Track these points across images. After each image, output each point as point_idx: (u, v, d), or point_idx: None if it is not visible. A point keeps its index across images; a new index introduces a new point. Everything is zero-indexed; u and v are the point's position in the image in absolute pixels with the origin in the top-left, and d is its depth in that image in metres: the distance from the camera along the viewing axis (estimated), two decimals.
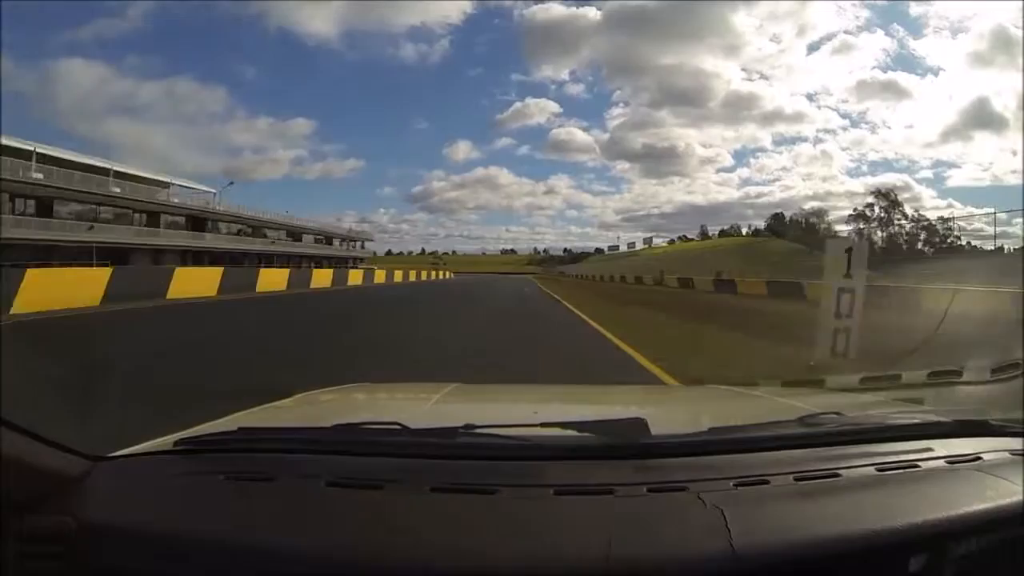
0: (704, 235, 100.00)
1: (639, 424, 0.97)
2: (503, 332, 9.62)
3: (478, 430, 0.98)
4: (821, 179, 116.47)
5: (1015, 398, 2.32)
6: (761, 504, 0.84)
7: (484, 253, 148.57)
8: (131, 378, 4.63)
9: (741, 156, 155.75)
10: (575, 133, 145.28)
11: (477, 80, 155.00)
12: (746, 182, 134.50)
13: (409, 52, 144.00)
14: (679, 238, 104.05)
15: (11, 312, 9.82)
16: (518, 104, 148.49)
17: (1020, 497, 0.86)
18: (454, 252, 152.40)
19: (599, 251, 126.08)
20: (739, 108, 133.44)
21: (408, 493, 0.88)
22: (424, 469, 0.94)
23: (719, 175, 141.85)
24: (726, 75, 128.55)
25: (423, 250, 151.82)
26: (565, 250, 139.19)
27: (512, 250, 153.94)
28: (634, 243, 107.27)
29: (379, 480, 0.91)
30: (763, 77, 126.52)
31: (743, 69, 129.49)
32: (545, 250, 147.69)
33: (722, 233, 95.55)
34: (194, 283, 16.27)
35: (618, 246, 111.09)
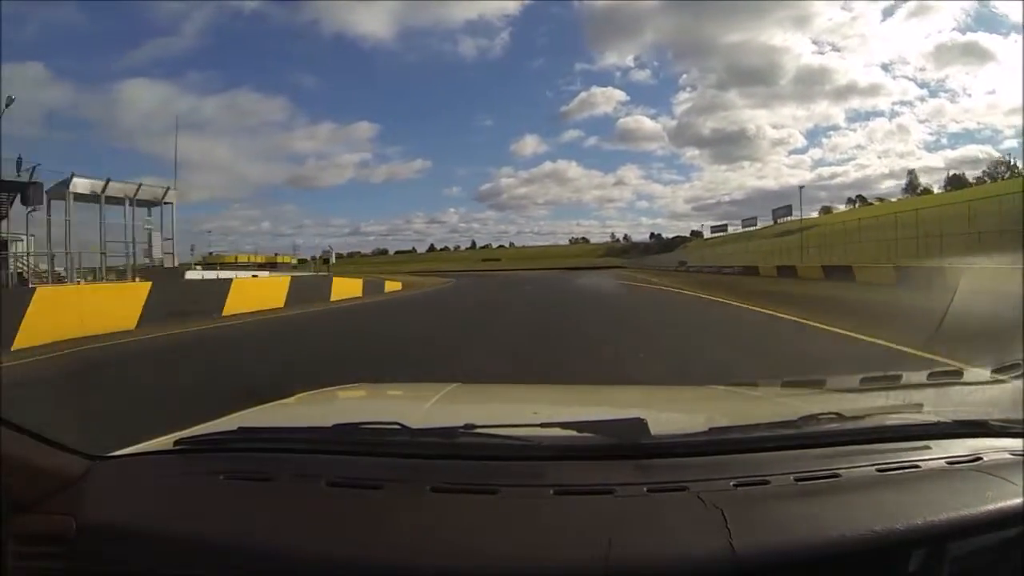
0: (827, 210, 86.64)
1: (639, 424, 0.97)
2: None
3: (478, 430, 0.98)
4: (898, 155, 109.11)
5: (1015, 398, 2.32)
6: (761, 504, 0.84)
7: (554, 245, 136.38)
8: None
9: (813, 136, 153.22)
10: (642, 121, 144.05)
11: (540, 72, 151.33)
12: (819, 163, 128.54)
13: (468, 47, 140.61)
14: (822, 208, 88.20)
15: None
16: (583, 94, 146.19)
17: (1020, 497, 0.86)
18: (511, 245, 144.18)
19: (695, 234, 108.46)
20: (810, 84, 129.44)
21: (408, 493, 0.88)
22: (424, 469, 0.94)
23: (791, 157, 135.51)
24: (796, 49, 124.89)
25: (475, 244, 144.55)
26: (652, 235, 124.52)
27: (583, 239, 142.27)
28: (725, 227, 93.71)
29: (379, 480, 0.91)
30: (835, 49, 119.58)
31: (813, 42, 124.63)
32: (626, 236, 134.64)
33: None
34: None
35: (725, 226, 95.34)
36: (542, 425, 0.99)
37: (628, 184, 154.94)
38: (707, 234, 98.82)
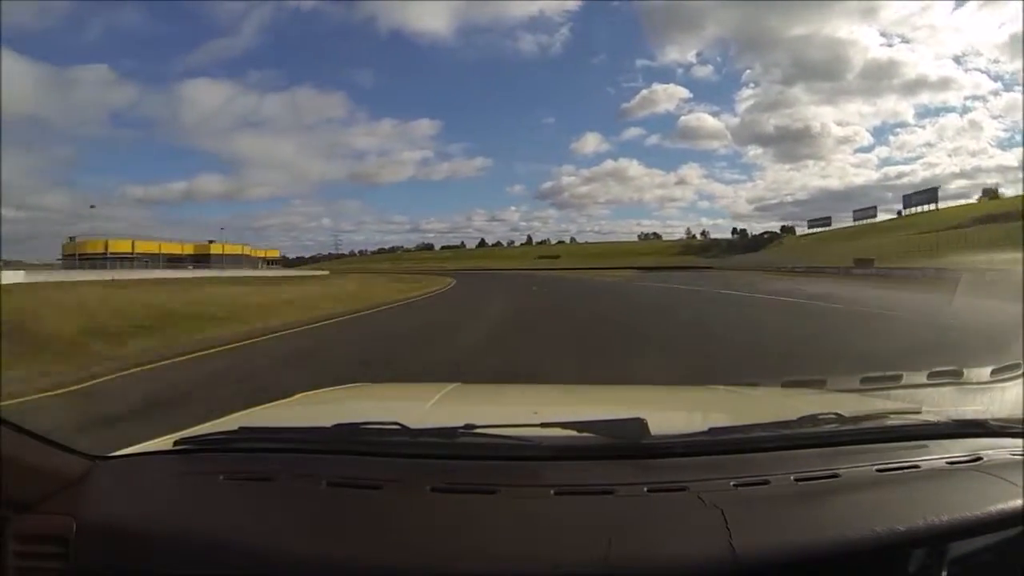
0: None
1: (639, 424, 0.97)
2: None
3: (478, 430, 0.98)
4: (969, 153, 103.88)
5: (1015, 398, 2.32)
6: (761, 504, 0.84)
7: (621, 242, 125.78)
8: None
9: (880, 133, 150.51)
10: (704, 119, 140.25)
11: (601, 68, 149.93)
12: (885, 162, 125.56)
13: (528, 44, 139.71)
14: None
15: None
16: (645, 91, 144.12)
17: (1020, 497, 0.86)
18: (573, 240, 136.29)
19: (785, 230, 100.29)
20: (878, 78, 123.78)
21: (408, 493, 0.88)
22: (424, 469, 0.94)
23: (856, 156, 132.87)
24: (863, 42, 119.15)
25: (531, 239, 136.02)
26: (735, 231, 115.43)
27: (654, 234, 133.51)
28: (828, 219, 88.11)
29: (379, 480, 0.91)
30: (904, 41, 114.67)
31: (882, 34, 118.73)
32: (704, 233, 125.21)
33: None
34: None
35: (829, 219, 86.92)
36: (542, 425, 0.99)
37: (690, 183, 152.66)
38: (809, 227, 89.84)
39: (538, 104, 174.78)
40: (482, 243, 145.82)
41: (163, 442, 1.12)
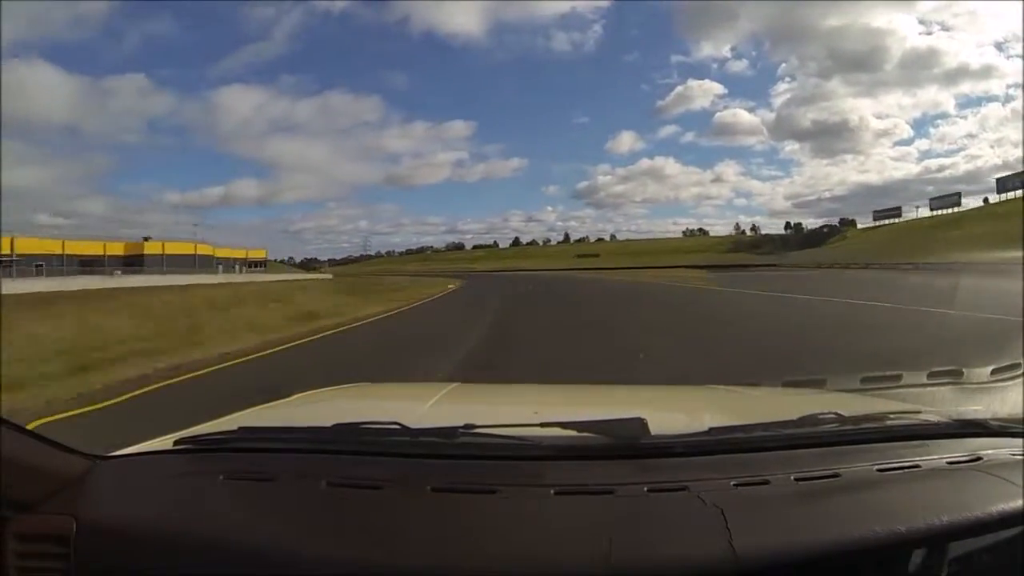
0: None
1: (639, 424, 0.97)
2: None
3: (478, 430, 0.98)
4: (1013, 144, 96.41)
5: (1015, 398, 2.32)
6: (761, 504, 0.84)
7: (664, 238, 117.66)
8: None
9: (920, 125, 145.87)
10: (740, 114, 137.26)
11: (635, 65, 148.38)
12: (926, 155, 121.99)
13: (561, 42, 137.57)
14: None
15: None
16: (679, 88, 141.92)
17: (1020, 497, 0.86)
18: (613, 238, 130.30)
19: (844, 223, 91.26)
20: (917, 68, 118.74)
21: (408, 493, 0.88)
22: (424, 469, 0.94)
23: (895, 149, 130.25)
24: (901, 31, 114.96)
25: (568, 237, 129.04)
26: (789, 225, 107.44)
27: (700, 230, 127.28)
28: (898, 210, 79.08)
29: (379, 480, 0.91)
30: (943, 28, 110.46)
31: (920, 21, 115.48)
32: (754, 227, 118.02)
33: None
34: None
35: (899, 209, 77.12)
36: (542, 425, 0.98)
37: (726, 181, 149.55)
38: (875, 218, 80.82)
39: (572, 103, 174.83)
40: (516, 242, 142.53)
41: (163, 442, 1.12)
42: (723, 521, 0.78)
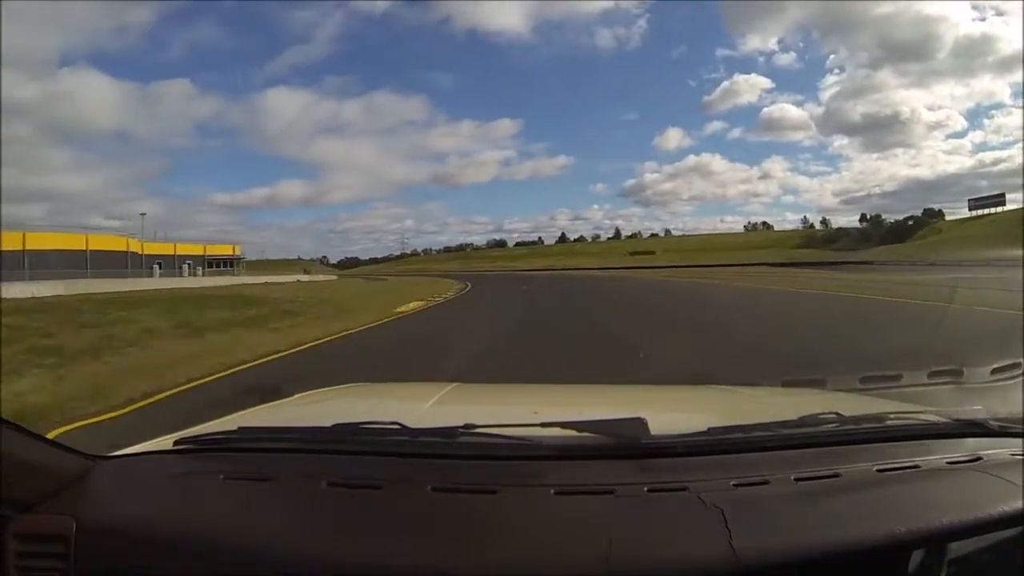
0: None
1: (639, 424, 0.97)
2: None
3: (478, 430, 0.98)
4: None
5: (1015, 398, 2.31)
6: (761, 504, 0.84)
7: (724, 233, 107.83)
8: None
9: (974, 116, 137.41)
10: (787, 109, 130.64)
11: (680, 61, 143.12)
12: (980, 147, 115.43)
13: (606, 39, 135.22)
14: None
15: None
16: (726, 83, 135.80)
17: (1020, 497, 0.86)
18: (667, 233, 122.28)
19: (929, 213, 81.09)
20: (971, 56, 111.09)
21: (408, 493, 0.88)
22: (424, 469, 0.94)
23: (948, 142, 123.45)
24: (953, 17, 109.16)
25: (619, 233, 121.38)
26: (864, 218, 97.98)
27: (763, 223, 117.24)
28: (1000, 197, 68.26)
29: (379, 480, 0.91)
30: (998, 13, 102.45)
31: (973, 7, 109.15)
32: (825, 221, 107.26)
33: None
34: None
35: (1002, 196, 68.24)
36: (542, 425, 0.98)
37: (773, 177, 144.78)
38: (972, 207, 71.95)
39: (618, 100, 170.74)
40: (562, 238, 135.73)
41: (163, 442, 1.12)
42: (723, 521, 0.78)
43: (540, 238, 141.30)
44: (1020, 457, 0.99)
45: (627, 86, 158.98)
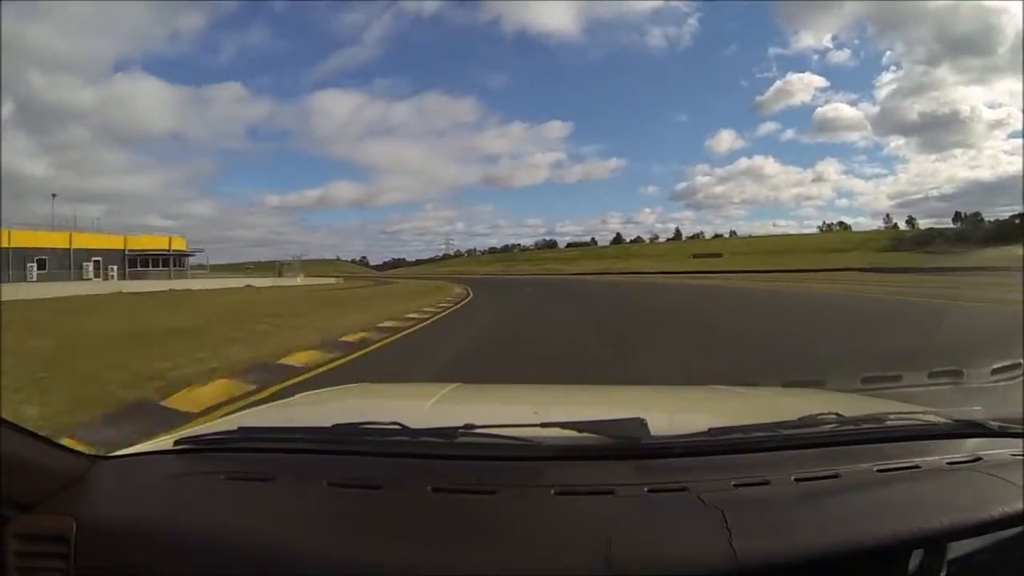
0: None
1: (639, 424, 0.97)
2: None
3: (478, 430, 0.98)
4: None
5: (1015, 398, 2.32)
6: (761, 504, 0.84)
7: (797, 234, 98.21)
8: None
9: None
10: (842, 109, 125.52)
11: (733, 60, 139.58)
12: None
13: (656, 38, 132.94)
14: None
15: None
16: (779, 82, 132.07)
17: (1020, 497, 0.86)
18: (733, 234, 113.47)
19: None
20: None
21: (408, 493, 0.88)
22: (424, 469, 0.94)
23: (1009, 141, 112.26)
24: (1014, 8, 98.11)
25: (679, 234, 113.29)
26: (960, 216, 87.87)
27: (840, 224, 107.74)
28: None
29: (379, 480, 0.91)
30: None
31: None
32: (910, 220, 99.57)
33: None
34: None
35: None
36: (542, 425, 0.98)
37: (827, 180, 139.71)
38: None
39: (670, 101, 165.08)
40: (618, 239, 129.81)
41: (163, 442, 1.12)
42: (723, 521, 0.78)
43: (593, 239, 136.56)
44: (1020, 457, 0.99)
45: (678, 87, 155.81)
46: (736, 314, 14.42)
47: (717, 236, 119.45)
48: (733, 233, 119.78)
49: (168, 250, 41.40)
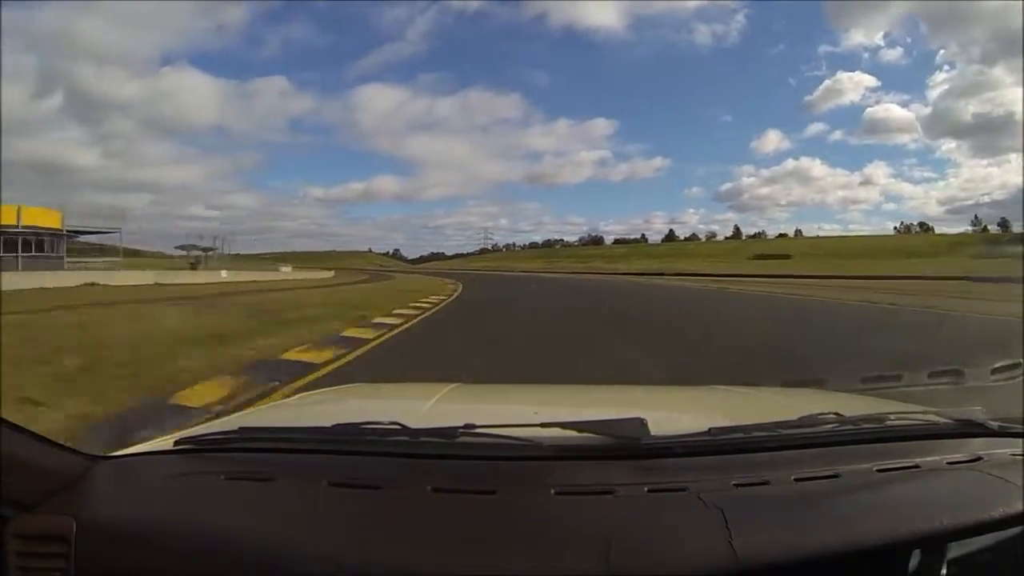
0: None
1: (639, 424, 0.97)
2: None
3: (478, 430, 0.98)
4: None
5: (1015, 398, 2.32)
6: (761, 505, 0.84)
7: (871, 235, 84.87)
8: None
9: None
10: (892, 109, 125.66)
11: (781, 58, 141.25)
12: None
13: (703, 36, 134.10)
14: None
15: None
16: (828, 81, 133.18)
17: (1020, 497, 0.86)
18: (798, 234, 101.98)
19: None
20: None
21: (408, 493, 0.88)
22: (424, 469, 0.94)
23: None
24: None
25: (738, 231, 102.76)
26: (1006, 223, 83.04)
27: (921, 225, 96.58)
28: None
29: (379, 480, 0.91)
30: None
31: None
32: (1004, 222, 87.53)
33: None
34: None
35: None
36: (542, 425, 0.99)
37: (875, 184, 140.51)
38: None
39: (716, 100, 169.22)
40: (670, 236, 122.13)
41: (163, 442, 1.12)
42: (723, 521, 0.78)
43: (643, 235, 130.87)
44: (1020, 457, 1.00)
45: (725, 86, 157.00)
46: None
47: (782, 236, 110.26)
48: (799, 233, 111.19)
49: (17, 227, 27.03)
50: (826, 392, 2.03)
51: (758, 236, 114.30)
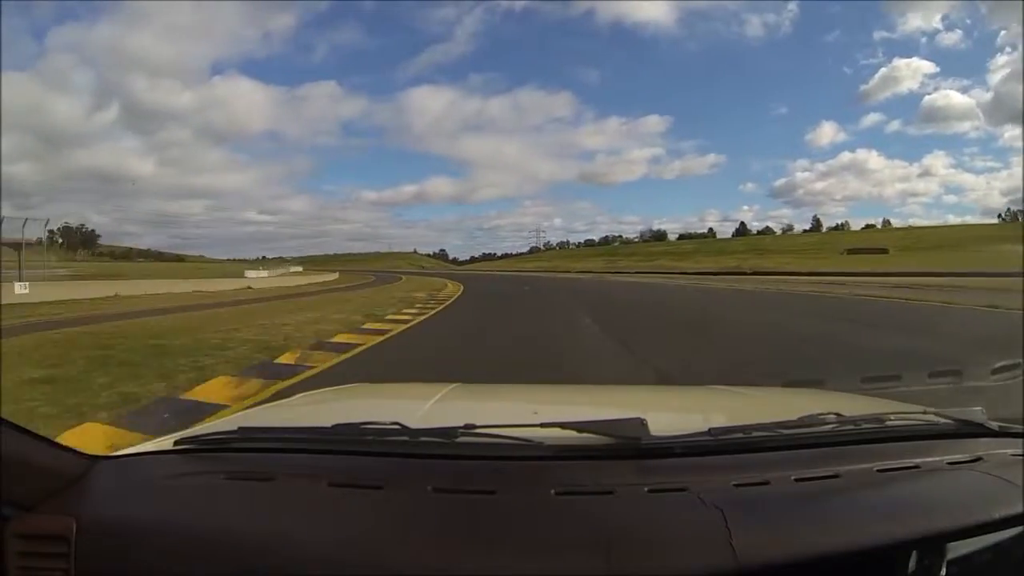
0: None
1: (639, 424, 0.97)
2: None
3: (478, 430, 0.98)
4: None
5: (1015, 398, 2.32)
6: (761, 505, 0.84)
7: (974, 224, 75.15)
8: None
9: None
10: (952, 96, 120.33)
11: (835, 46, 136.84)
12: None
13: (755, 27, 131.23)
14: None
15: None
16: (884, 69, 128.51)
17: (1020, 497, 0.86)
18: (887, 223, 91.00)
19: None
20: None
21: (408, 493, 0.88)
22: (424, 469, 0.95)
23: None
24: None
25: (818, 223, 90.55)
26: None
27: None
28: None
29: (379, 480, 0.91)
30: None
31: None
32: None
33: None
34: None
35: None
36: (542, 425, 0.99)
37: (934, 175, 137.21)
38: None
39: (769, 92, 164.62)
40: (741, 229, 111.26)
41: (163, 442, 1.12)
42: (723, 521, 0.78)
43: (711, 229, 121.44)
44: (1020, 457, 1.00)
45: (778, 77, 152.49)
46: None
47: (868, 227, 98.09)
48: (887, 223, 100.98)
49: None
50: (826, 392, 2.03)
51: (840, 228, 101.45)
